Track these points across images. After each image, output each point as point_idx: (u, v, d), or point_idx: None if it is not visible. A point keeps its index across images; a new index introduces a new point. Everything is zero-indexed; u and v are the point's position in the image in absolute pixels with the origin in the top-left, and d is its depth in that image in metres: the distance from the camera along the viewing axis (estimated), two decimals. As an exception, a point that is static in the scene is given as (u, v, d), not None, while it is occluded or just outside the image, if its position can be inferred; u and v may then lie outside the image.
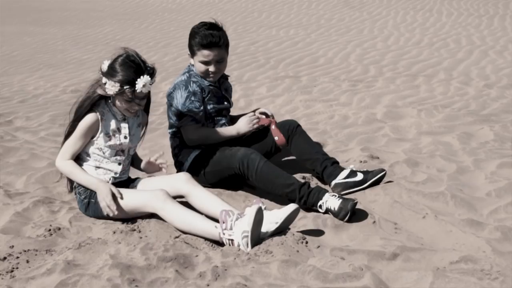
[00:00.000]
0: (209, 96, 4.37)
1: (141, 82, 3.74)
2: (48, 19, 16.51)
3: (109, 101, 3.90)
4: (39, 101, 7.68)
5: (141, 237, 3.65)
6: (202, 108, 4.31)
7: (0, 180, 4.63)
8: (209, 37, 4.24)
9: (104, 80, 3.79)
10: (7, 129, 6.20)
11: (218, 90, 4.45)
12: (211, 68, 4.32)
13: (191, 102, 4.28)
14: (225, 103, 4.48)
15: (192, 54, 4.35)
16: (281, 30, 13.68)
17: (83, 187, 3.89)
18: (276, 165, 4.16)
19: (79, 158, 3.95)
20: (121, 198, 3.77)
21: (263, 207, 3.50)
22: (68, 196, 4.29)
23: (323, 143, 5.41)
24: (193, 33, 4.31)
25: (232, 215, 3.46)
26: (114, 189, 3.79)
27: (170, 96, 4.38)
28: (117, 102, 3.86)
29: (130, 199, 3.77)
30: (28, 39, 13.47)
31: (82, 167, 3.92)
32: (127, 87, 3.75)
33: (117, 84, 3.75)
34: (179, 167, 4.40)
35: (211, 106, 4.38)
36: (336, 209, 3.81)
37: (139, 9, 18.28)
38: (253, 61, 10.16)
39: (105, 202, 3.77)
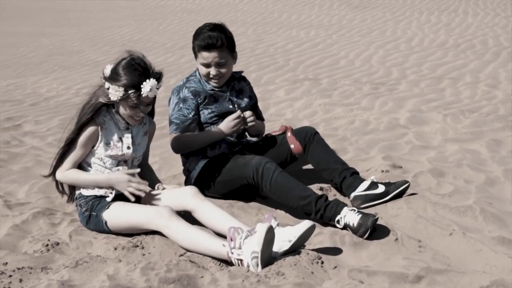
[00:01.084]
0: (206, 101, 4.11)
1: (148, 85, 3.49)
2: (66, 20, 16.41)
3: (113, 109, 3.64)
4: (50, 104, 7.49)
5: (143, 254, 3.39)
6: (191, 116, 4.08)
7: (0, 189, 4.41)
8: (207, 39, 4.03)
9: (107, 85, 3.55)
10: (15, 133, 6.01)
11: (222, 93, 4.18)
12: (212, 71, 4.08)
13: (179, 109, 4.08)
14: (230, 106, 4.20)
15: (195, 56, 4.13)
16: (302, 31, 13.41)
17: (84, 199, 3.65)
18: (292, 174, 3.90)
19: (80, 168, 3.70)
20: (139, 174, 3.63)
21: (274, 225, 3.23)
22: (70, 207, 4.05)
23: (342, 151, 5.13)
24: (195, 35, 4.12)
25: (241, 232, 3.18)
26: (130, 171, 3.60)
27: (169, 101, 4.16)
28: (121, 109, 3.61)
29: (133, 215, 3.51)
30: (45, 40, 13.35)
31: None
32: (132, 91, 3.50)
33: (121, 89, 3.50)
34: (187, 176, 4.16)
35: (210, 110, 4.13)
36: (355, 225, 3.53)
37: (157, 9, 18.13)
38: (272, 63, 9.90)
39: (131, 189, 3.55)
